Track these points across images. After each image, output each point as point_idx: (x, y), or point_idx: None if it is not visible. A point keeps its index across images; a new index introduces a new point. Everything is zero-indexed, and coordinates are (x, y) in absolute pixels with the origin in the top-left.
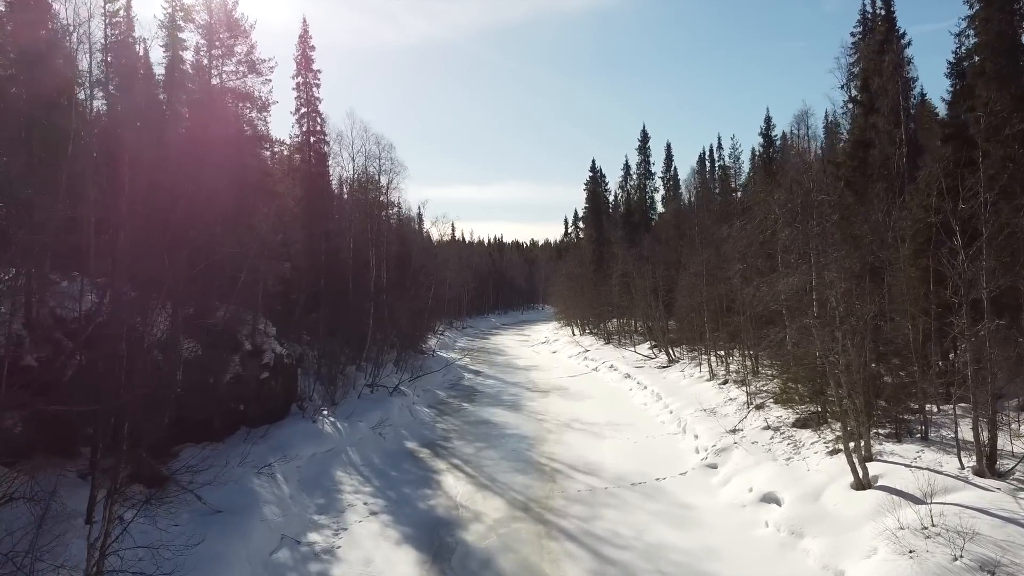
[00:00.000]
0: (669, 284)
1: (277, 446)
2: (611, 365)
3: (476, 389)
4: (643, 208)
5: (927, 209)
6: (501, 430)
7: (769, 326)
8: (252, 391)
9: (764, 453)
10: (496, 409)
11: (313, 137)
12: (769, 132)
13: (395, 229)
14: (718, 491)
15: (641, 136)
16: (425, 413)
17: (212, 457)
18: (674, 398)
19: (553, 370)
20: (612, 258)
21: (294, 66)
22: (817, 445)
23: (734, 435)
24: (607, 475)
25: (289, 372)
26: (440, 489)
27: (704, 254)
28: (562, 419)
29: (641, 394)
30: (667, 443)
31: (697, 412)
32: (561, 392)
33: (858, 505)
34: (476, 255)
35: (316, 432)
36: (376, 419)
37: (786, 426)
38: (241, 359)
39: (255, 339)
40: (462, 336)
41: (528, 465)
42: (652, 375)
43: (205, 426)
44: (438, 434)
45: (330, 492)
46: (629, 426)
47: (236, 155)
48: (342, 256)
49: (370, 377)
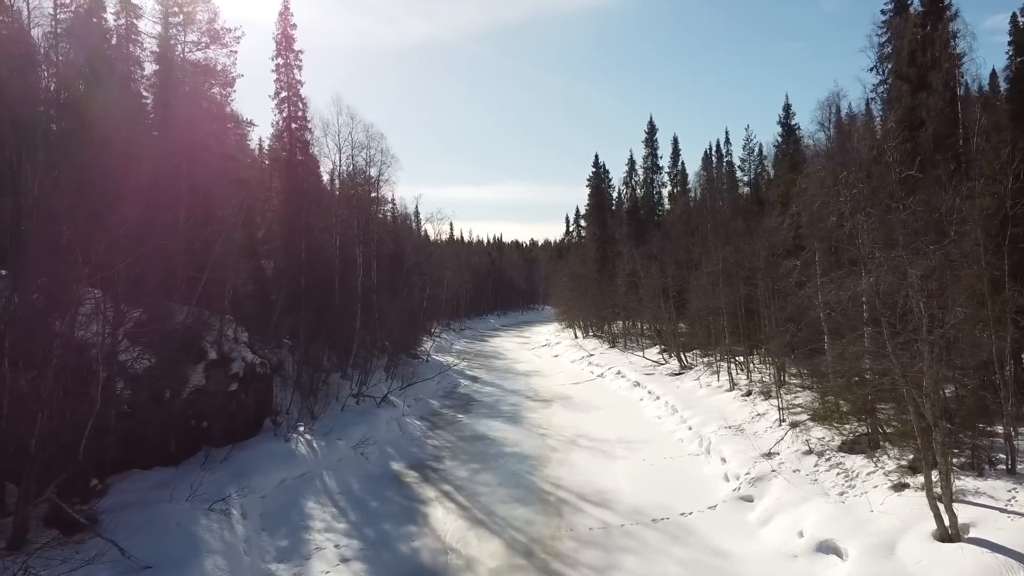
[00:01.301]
0: (680, 284)
1: (240, 471)
2: (618, 371)
3: (473, 398)
4: (650, 204)
5: (997, 196)
6: (499, 447)
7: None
8: (217, 406)
9: (810, 484)
10: (494, 422)
11: (294, 123)
12: (789, 121)
13: (388, 226)
14: (758, 532)
15: (648, 128)
16: (416, 427)
17: (157, 489)
18: (692, 411)
19: (555, 376)
20: (617, 257)
21: (273, 46)
22: (875, 477)
23: (770, 460)
24: (622, 507)
25: (263, 383)
26: (427, 525)
27: (722, 251)
28: (567, 434)
29: (653, 405)
30: (689, 466)
31: (721, 429)
32: (565, 402)
33: (951, 565)
34: (475, 255)
35: (288, 453)
36: (359, 435)
37: (831, 450)
38: (205, 369)
39: (222, 346)
40: (460, 338)
41: (530, 493)
42: (664, 383)
43: (157, 448)
44: (428, 452)
45: (297, 530)
46: (643, 443)
47: (197, 136)
48: (327, 254)
49: (356, 386)
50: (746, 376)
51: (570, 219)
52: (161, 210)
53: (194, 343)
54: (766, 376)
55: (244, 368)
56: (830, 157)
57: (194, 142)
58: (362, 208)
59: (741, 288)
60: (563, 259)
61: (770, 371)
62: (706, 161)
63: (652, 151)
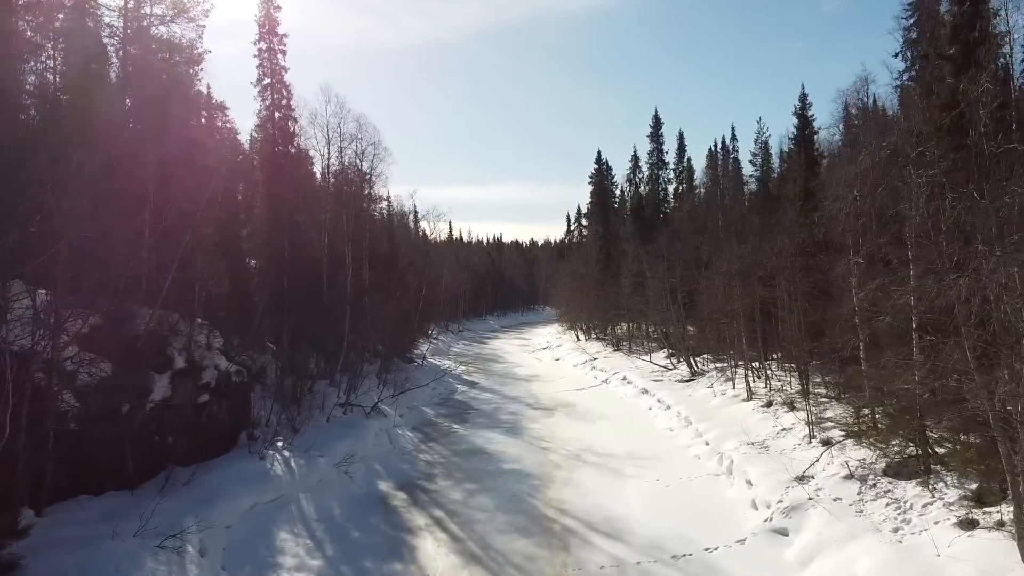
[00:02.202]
0: (689, 285)
1: (204, 496)
2: (624, 377)
3: (470, 405)
4: (656, 201)
5: None
6: (497, 464)
7: (822, 337)
8: (185, 420)
9: (856, 517)
10: (492, 433)
11: (278, 112)
12: (805, 112)
13: (382, 224)
14: (799, 575)
15: (653, 122)
16: (407, 439)
17: (102, 520)
18: (707, 423)
19: (557, 381)
20: (621, 256)
21: (256, 30)
22: (934, 510)
23: (804, 485)
24: (637, 539)
25: (240, 393)
26: (414, 562)
27: (738, 250)
28: (571, 447)
29: (664, 416)
30: (709, 489)
31: (743, 446)
32: (568, 410)
33: None
34: (474, 254)
35: (262, 473)
36: (344, 451)
37: (875, 474)
38: (171, 379)
39: (192, 353)
40: (458, 340)
41: (531, 520)
42: (674, 391)
43: (111, 470)
44: (420, 470)
45: (263, 568)
46: (655, 460)
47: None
48: (314, 252)
49: (344, 395)
50: (764, 384)
51: (571, 218)
52: (119, 201)
53: (159, 350)
54: (786, 384)
55: (217, 377)
56: (882, 135)
57: (157, 126)
58: (352, 203)
59: (758, 289)
60: (564, 259)
61: (790, 379)
62: (711, 159)
63: (658, 146)
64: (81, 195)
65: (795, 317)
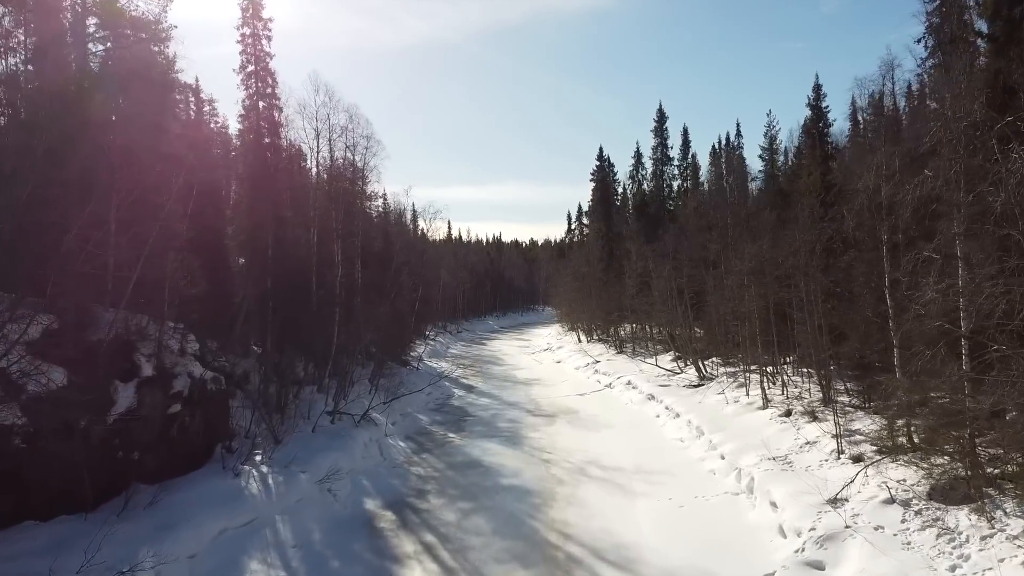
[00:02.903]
0: (697, 285)
1: (167, 521)
2: (628, 381)
3: (467, 412)
4: (660, 198)
5: None
6: (495, 479)
7: (843, 341)
8: (153, 432)
9: (903, 551)
10: (490, 443)
11: (263, 101)
12: (819, 103)
13: (377, 223)
14: None
15: (657, 116)
16: (399, 450)
17: (43, 553)
18: (722, 434)
19: (559, 385)
20: (625, 255)
21: (239, 14)
22: (995, 543)
23: (837, 509)
24: (651, 572)
25: (216, 402)
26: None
27: (751, 247)
28: (575, 459)
29: (674, 424)
30: (729, 511)
31: (764, 461)
32: (570, 417)
33: None
34: (473, 254)
35: (235, 493)
36: (328, 464)
37: (919, 498)
38: (138, 388)
39: (162, 359)
40: (456, 341)
41: (532, 547)
42: (683, 397)
43: (63, 491)
44: (411, 486)
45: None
46: (666, 475)
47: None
48: (302, 251)
49: (332, 401)
50: (781, 391)
51: (572, 217)
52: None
53: (124, 357)
54: (804, 391)
55: (190, 385)
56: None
57: (120, 110)
58: (342, 198)
59: (775, 289)
60: (565, 259)
61: (808, 386)
62: (714, 156)
63: (662, 140)
64: (20, 180)
65: (815, 319)
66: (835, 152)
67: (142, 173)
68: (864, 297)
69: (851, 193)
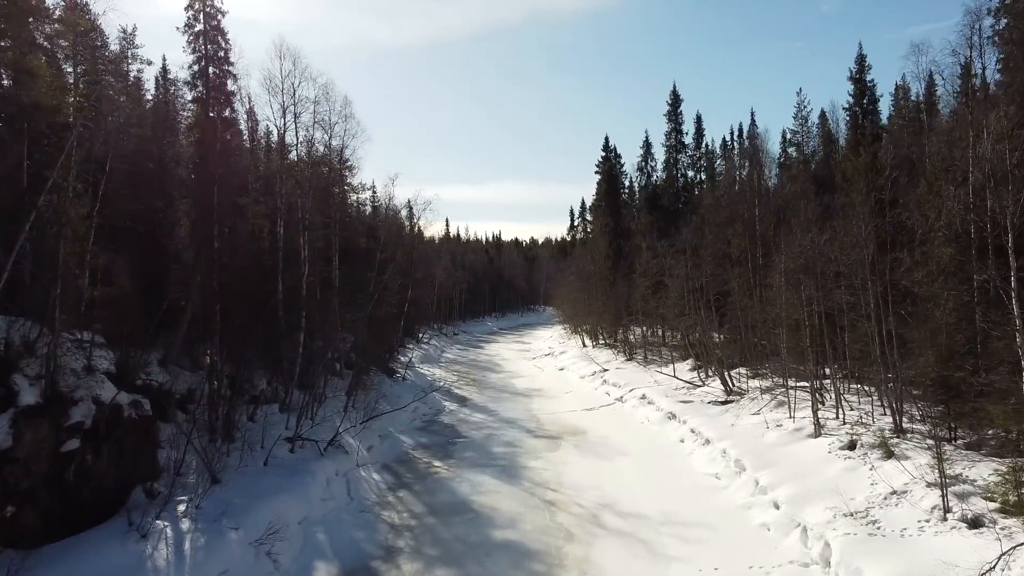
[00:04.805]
0: (720, 284)
1: None
2: (643, 395)
3: (458, 431)
4: (675, 189)
5: None
6: (486, 530)
7: (914, 355)
8: (37, 479)
9: None
10: (482, 475)
11: (213, 67)
12: (863, 75)
13: (363, 218)
14: None
15: (671, 99)
16: (371, 486)
17: None
18: (770, 472)
19: (562, 397)
20: (635, 252)
21: None
22: None
23: None
24: None
25: (136, 433)
26: None
27: (802, 240)
28: (586, 501)
29: (703, 453)
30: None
31: (839, 518)
32: (577, 439)
33: None
34: (471, 252)
35: (133, 566)
36: (273, 514)
37: None
38: (13, 421)
39: (55, 381)
40: (452, 344)
41: None
42: (711, 417)
43: None
44: (379, 541)
45: None
46: (704, 528)
47: None
48: (266, 245)
49: (296, 425)
50: (835, 414)
51: (575, 213)
52: None
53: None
54: (863, 415)
55: (95, 414)
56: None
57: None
58: (311, 183)
59: (827, 290)
60: (567, 257)
61: (868, 408)
62: (725, 148)
63: (676, 126)
64: None
65: (882, 327)
66: (883, 131)
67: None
68: (947, 301)
69: (939, 174)
